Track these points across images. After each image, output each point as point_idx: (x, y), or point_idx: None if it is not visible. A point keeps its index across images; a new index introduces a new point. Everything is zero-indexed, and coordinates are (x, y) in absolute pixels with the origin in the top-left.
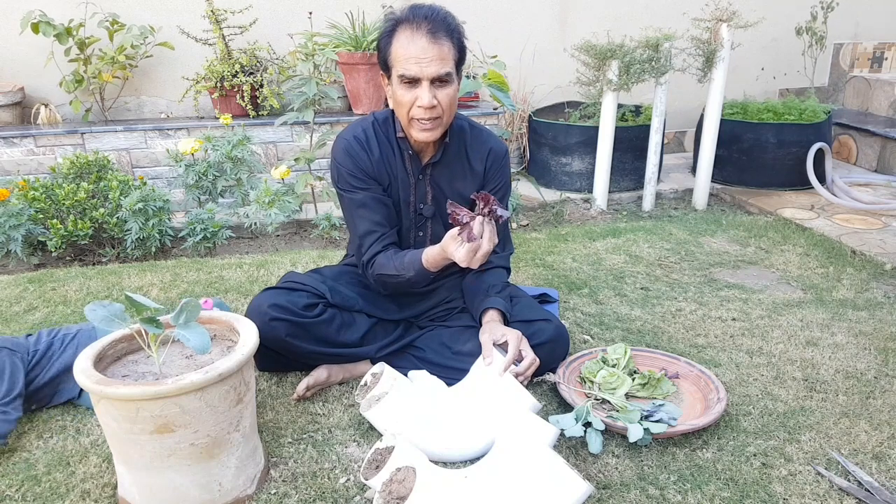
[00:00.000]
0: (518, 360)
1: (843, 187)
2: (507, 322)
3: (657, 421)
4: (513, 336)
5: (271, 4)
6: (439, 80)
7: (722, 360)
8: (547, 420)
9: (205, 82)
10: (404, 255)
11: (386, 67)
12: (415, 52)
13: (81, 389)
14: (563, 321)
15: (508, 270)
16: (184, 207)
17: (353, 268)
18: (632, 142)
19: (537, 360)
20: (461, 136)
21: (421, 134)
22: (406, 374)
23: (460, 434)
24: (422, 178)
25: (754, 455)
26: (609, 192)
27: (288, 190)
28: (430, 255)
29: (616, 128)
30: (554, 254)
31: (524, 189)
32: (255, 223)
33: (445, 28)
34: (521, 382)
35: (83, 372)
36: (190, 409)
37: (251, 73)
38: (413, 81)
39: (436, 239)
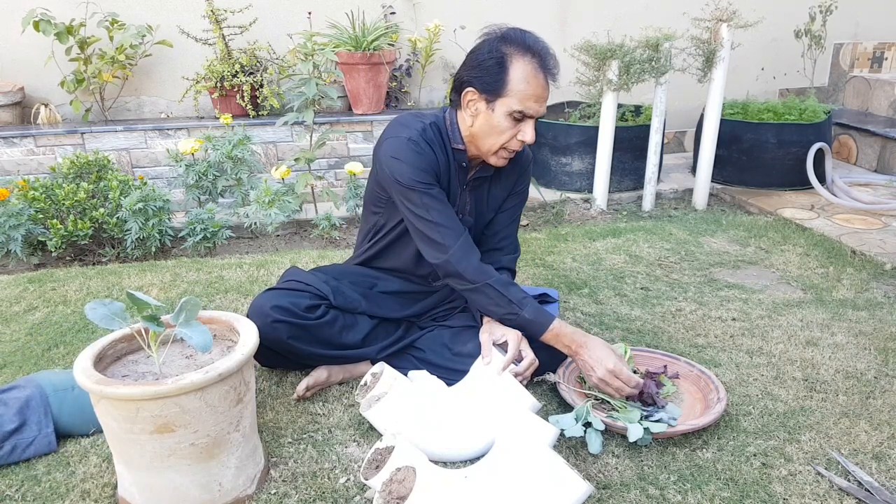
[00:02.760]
0: (518, 359)
1: (843, 187)
2: None
3: (657, 421)
4: (512, 336)
5: (271, 4)
6: None
7: (722, 360)
8: (547, 420)
9: (205, 82)
10: (520, 290)
11: (492, 92)
12: (537, 91)
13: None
14: None
15: (513, 273)
16: (184, 207)
17: (357, 267)
18: (632, 142)
19: (537, 360)
20: None
21: (501, 161)
22: (406, 375)
23: (460, 434)
24: (465, 189)
25: (754, 455)
26: (609, 192)
27: (288, 190)
28: (563, 332)
29: (616, 128)
30: (554, 254)
31: None
32: (255, 223)
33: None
34: (521, 382)
35: (83, 371)
36: (190, 409)
37: (251, 73)
38: (524, 117)
39: None
